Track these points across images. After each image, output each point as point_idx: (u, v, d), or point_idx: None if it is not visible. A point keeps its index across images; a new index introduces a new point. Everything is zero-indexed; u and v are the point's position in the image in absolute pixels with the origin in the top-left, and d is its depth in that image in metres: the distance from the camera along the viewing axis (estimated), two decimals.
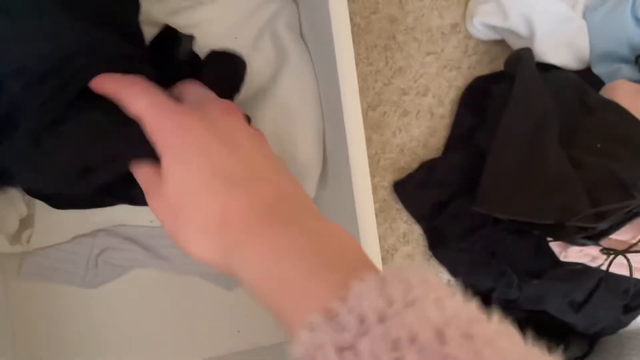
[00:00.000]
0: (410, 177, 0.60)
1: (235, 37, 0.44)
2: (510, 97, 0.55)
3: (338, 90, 0.38)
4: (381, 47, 0.60)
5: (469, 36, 0.62)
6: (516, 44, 0.59)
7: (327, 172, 0.45)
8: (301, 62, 0.43)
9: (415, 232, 0.60)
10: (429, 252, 0.60)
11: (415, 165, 0.60)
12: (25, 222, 0.42)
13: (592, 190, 0.50)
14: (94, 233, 0.44)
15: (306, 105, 0.42)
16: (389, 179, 0.60)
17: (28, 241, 0.42)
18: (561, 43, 0.59)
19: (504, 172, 0.54)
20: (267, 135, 0.37)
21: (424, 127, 0.61)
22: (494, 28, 0.60)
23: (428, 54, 0.61)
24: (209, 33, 0.44)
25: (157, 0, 0.44)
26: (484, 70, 0.62)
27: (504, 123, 0.55)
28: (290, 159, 0.40)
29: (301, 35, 0.46)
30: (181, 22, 0.44)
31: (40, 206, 0.42)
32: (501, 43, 0.62)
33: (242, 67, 0.41)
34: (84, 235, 0.44)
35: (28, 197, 0.42)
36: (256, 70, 0.43)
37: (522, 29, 0.58)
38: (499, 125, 0.55)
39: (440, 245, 0.59)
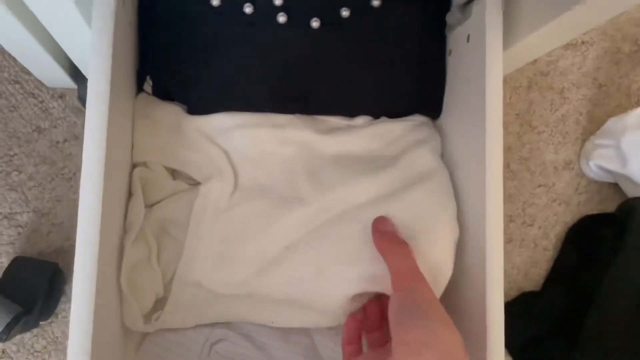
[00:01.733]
0: (508, 306, 0.59)
1: (376, 163, 0.46)
2: (620, 248, 0.56)
3: (484, 209, 0.40)
4: None
5: (581, 174, 0.63)
6: (630, 191, 0.60)
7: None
8: (440, 176, 0.45)
9: None
10: None
11: (513, 294, 0.60)
12: (158, 304, 0.44)
13: None
14: (214, 324, 0.45)
15: (443, 211, 0.43)
16: None
17: (156, 320, 0.43)
18: None
19: (609, 324, 0.54)
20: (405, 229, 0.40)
21: (525, 256, 0.61)
22: (609, 172, 0.60)
23: (539, 186, 0.62)
24: (352, 154, 0.46)
25: (312, 120, 0.47)
26: (593, 209, 0.62)
27: (612, 275, 0.55)
28: (423, 260, 0.41)
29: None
30: (331, 143, 0.46)
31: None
32: (613, 185, 0.62)
33: None
34: (204, 325, 0.45)
35: (166, 280, 0.44)
36: (396, 175, 0.45)
37: (639, 178, 0.58)
38: (607, 275, 0.55)
39: None
